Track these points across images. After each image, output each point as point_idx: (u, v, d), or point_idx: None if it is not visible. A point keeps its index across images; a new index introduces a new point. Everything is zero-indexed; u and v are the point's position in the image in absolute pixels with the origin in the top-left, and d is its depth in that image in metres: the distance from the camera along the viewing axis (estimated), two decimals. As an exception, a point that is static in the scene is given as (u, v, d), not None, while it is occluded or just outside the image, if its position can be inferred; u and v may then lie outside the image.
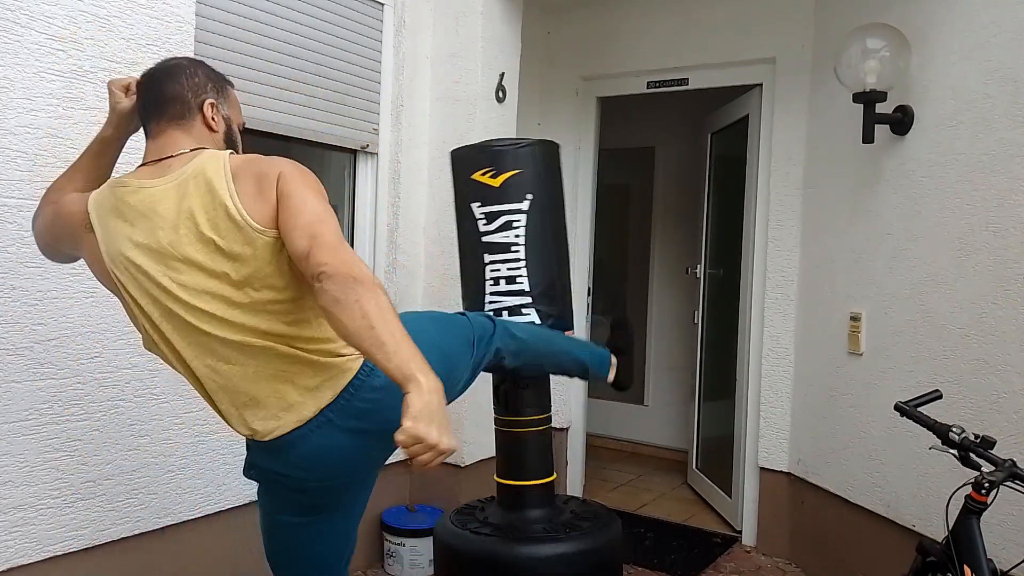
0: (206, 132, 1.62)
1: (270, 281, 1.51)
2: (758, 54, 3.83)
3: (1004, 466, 1.87)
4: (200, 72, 1.65)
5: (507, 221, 2.48)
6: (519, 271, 2.47)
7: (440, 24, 3.53)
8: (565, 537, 2.42)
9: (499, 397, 2.57)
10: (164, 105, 1.60)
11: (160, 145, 1.60)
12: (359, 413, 1.60)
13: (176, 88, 1.60)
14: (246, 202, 1.48)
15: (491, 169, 2.48)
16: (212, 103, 1.63)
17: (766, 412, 3.79)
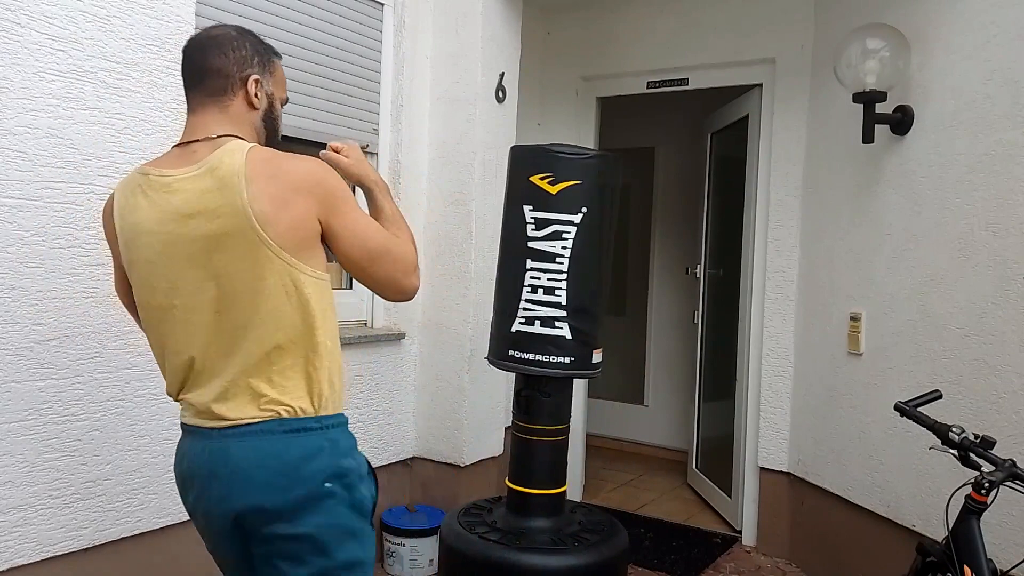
0: (245, 109, 1.54)
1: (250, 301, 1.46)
2: (758, 54, 3.83)
3: (1004, 466, 1.87)
4: (248, 44, 1.55)
5: (557, 231, 2.44)
6: (559, 283, 2.44)
7: (440, 24, 3.53)
8: (572, 549, 2.42)
9: (520, 403, 2.56)
10: (206, 78, 1.52)
11: (195, 123, 1.53)
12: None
13: (220, 60, 1.51)
14: (259, 206, 1.41)
15: (551, 175, 2.43)
16: (257, 79, 1.54)
17: (766, 412, 3.79)
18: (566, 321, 2.45)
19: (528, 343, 2.46)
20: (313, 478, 1.48)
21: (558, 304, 2.45)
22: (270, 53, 1.60)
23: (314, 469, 1.48)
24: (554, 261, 2.44)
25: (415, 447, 3.59)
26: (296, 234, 1.44)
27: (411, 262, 1.58)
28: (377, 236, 1.54)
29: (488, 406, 3.57)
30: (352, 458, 1.55)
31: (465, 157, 3.46)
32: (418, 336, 3.58)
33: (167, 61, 2.48)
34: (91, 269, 2.31)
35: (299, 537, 1.48)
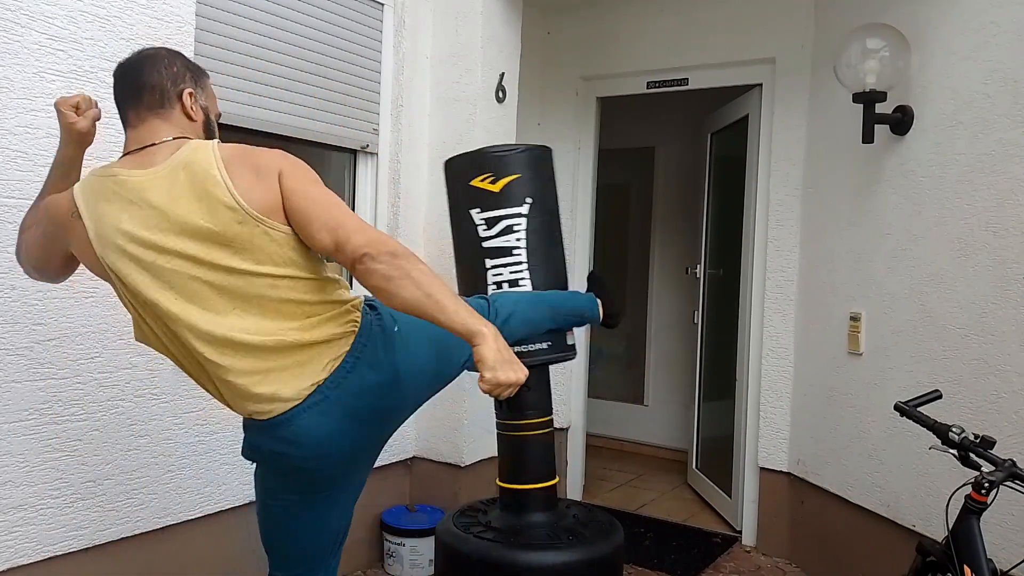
0: (186, 121, 1.64)
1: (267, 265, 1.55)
2: (758, 54, 3.83)
3: (1004, 466, 1.87)
4: (178, 62, 1.66)
5: (508, 225, 2.49)
6: (522, 274, 2.49)
7: (440, 24, 3.53)
8: (567, 544, 2.42)
9: (500, 401, 2.56)
10: (142, 94, 1.60)
11: (141, 134, 1.61)
12: (356, 391, 1.62)
13: (155, 77, 1.61)
14: (243, 191, 1.51)
15: (490, 175, 2.50)
16: (191, 92, 1.64)
17: (766, 412, 3.79)
18: None
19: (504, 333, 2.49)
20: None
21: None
22: (200, 71, 1.71)
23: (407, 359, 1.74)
24: (511, 254, 2.50)
25: (415, 447, 3.59)
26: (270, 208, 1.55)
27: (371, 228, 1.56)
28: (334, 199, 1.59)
29: (488, 406, 3.56)
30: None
31: (465, 157, 3.45)
32: (418, 336, 3.57)
33: (167, 61, 2.48)
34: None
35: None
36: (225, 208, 1.51)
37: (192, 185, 1.52)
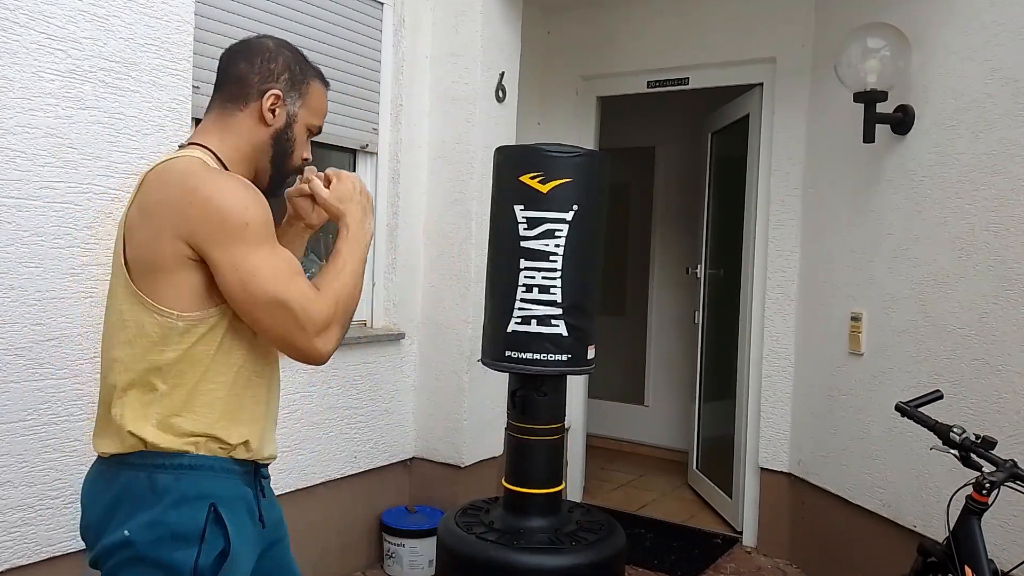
0: (253, 123, 1.45)
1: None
2: (758, 54, 3.82)
3: (1005, 466, 1.87)
4: (281, 59, 1.46)
5: (549, 229, 2.44)
6: (554, 281, 2.43)
7: (440, 23, 3.53)
8: (569, 548, 2.42)
9: (515, 403, 2.56)
10: (227, 82, 1.46)
11: (199, 126, 1.49)
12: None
13: (244, 68, 1.44)
14: (127, 228, 1.36)
15: (541, 174, 2.44)
16: (276, 94, 1.44)
17: (766, 412, 3.79)
18: (562, 319, 2.45)
19: (526, 342, 2.46)
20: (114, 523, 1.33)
21: (554, 302, 2.45)
22: (308, 75, 1.50)
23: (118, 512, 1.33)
24: (548, 259, 2.45)
25: (415, 447, 3.59)
26: (141, 258, 1.33)
27: (314, 322, 1.34)
28: (269, 280, 1.31)
29: (488, 406, 3.57)
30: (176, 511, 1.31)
31: (465, 157, 3.45)
32: (418, 336, 3.57)
33: (166, 61, 2.47)
34: (90, 269, 2.30)
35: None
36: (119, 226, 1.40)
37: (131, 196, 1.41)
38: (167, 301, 1.32)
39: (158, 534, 1.30)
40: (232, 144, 1.45)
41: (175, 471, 1.33)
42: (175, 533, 1.30)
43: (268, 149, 1.47)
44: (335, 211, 1.51)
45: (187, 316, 1.33)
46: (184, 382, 1.34)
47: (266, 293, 1.31)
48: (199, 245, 1.29)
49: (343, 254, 1.45)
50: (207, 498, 1.33)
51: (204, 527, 1.31)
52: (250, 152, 1.46)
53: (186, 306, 1.32)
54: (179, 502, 1.31)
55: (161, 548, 1.30)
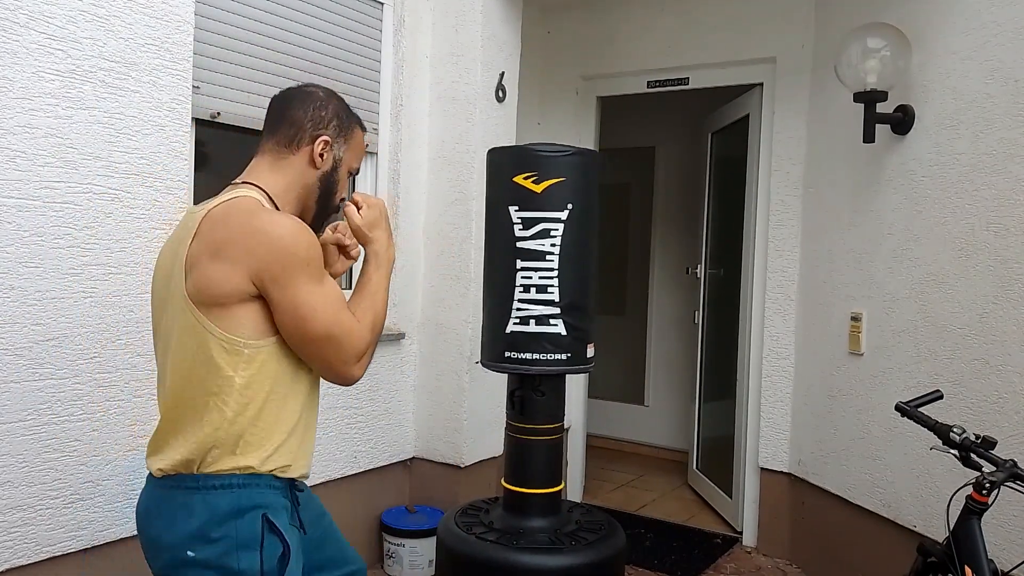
0: (304, 165, 1.58)
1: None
2: (758, 54, 3.82)
3: (1005, 466, 1.87)
4: (331, 107, 1.63)
5: (545, 229, 2.43)
6: (551, 281, 2.43)
7: (440, 23, 3.53)
8: (569, 548, 2.42)
9: (514, 403, 2.56)
10: (280, 126, 1.58)
11: (250, 166, 1.60)
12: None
13: (299, 114, 1.58)
14: (190, 263, 1.43)
15: (534, 174, 2.43)
16: (326, 140, 1.60)
17: (766, 412, 3.79)
18: (560, 318, 2.44)
19: (524, 342, 2.45)
20: (176, 543, 1.44)
21: (552, 302, 2.44)
22: (352, 121, 1.68)
23: (178, 533, 1.44)
24: (544, 259, 2.44)
25: (415, 447, 3.59)
26: (208, 291, 1.42)
27: (356, 351, 1.50)
28: (322, 317, 1.45)
29: (488, 406, 3.57)
30: (234, 523, 1.44)
31: (465, 157, 3.45)
32: (418, 336, 3.57)
33: (166, 61, 2.47)
34: (90, 269, 2.30)
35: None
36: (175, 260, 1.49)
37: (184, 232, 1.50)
38: (233, 329, 1.42)
39: (223, 548, 1.42)
40: (284, 184, 1.57)
41: (228, 489, 1.45)
42: (238, 543, 1.43)
43: (316, 189, 1.61)
44: (365, 238, 1.63)
45: (252, 344, 1.44)
46: (246, 407, 1.45)
47: (320, 329, 1.45)
48: (263, 282, 1.41)
49: (374, 281, 1.60)
50: (259, 508, 1.46)
51: (262, 534, 1.44)
52: (300, 192, 1.59)
53: (250, 334, 1.44)
54: (235, 515, 1.44)
55: (228, 558, 1.42)
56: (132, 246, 2.40)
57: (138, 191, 2.42)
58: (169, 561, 1.45)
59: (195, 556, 1.42)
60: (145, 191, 2.43)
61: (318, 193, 1.61)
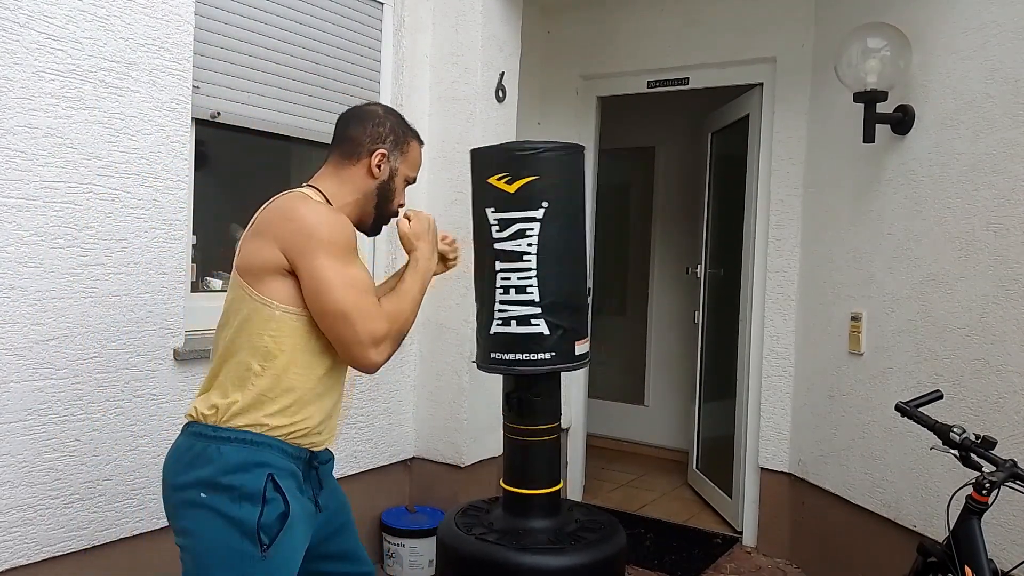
0: (362, 175, 1.77)
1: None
2: (759, 53, 3.82)
3: (1005, 466, 1.87)
4: (388, 123, 1.81)
5: (520, 229, 2.40)
6: (530, 281, 2.39)
7: (440, 23, 3.53)
8: (570, 548, 2.41)
9: (511, 404, 2.55)
10: (342, 141, 1.79)
11: (316, 176, 1.79)
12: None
13: (358, 131, 1.78)
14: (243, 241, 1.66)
15: (507, 174, 2.39)
16: (383, 153, 1.78)
17: (766, 412, 3.79)
18: (542, 318, 2.40)
19: (508, 344, 2.44)
20: (189, 485, 1.60)
21: (531, 302, 2.40)
22: (408, 135, 1.86)
23: (192, 476, 1.60)
24: (521, 260, 2.40)
25: (415, 447, 3.59)
26: (250, 261, 1.63)
27: (371, 334, 1.62)
28: (339, 293, 1.59)
29: (488, 406, 3.57)
30: (241, 475, 1.58)
31: (465, 157, 3.42)
32: (418, 336, 3.57)
33: (166, 61, 2.47)
34: (90, 269, 2.31)
35: (179, 540, 1.65)
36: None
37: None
38: (269, 293, 1.61)
39: (229, 496, 1.56)
40: (342, 190, 1.76)
41: (240, 443, 1.59)
42: (242, 493, 1.56)
43: (374, 196, 1.79)
44: (409, 245, 1.85)
45: (282, 308, 1.61)
46: (268, 367, 1.61)
47: (335, 304, 1.59)
48: (290, 255, 1.59)
49: (407, 282, 1.79)
50: (265, 467, 1.59)
51: (264, 490, 1.58)
52: (359, 198, 1.78)
53: (282, 300, 1.61)
54: (243, 468, 1.58)
55: (232, 507, 1.56)
56: (132, 246, 2.40)
57: (138, 191, 2.42)
58: (181, 500, 1.60)
59: (205, 499, 1.57)
60: (145, 191, 2.43)
61: (376, 200, 1.79)
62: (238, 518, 1.56)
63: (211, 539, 1.57)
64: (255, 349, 1.61)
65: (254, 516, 1.56)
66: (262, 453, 1.60)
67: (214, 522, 1.56)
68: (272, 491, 1.59)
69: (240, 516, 1.56)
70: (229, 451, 1.59)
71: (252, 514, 1.56)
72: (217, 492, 1.57)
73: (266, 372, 1.61)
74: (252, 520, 1.56)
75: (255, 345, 1.61)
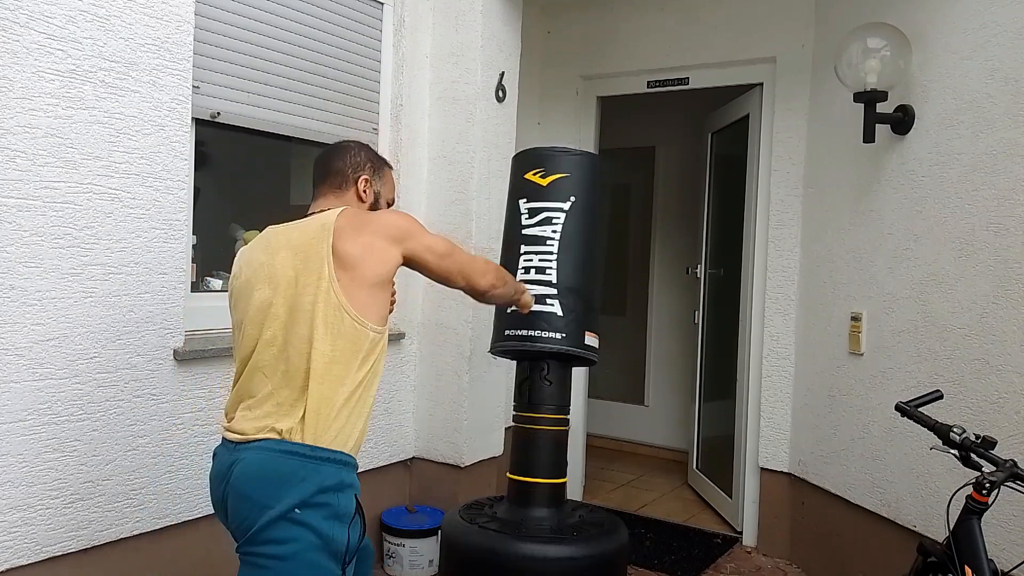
0: (355, 200, 1.92)
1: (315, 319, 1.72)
2: (759, 53, 3.82)
3: (1005, 466, 1.87)
4: (363, 154, 1.98)
5: (547, 217, 2.63)
6: (550, 263, 2.60)
7: (440, 23, 3.53)
8: (572, 539, 2.43)
9: (522, 391, 2.66)
10: (328, 175, 1.93)
11: (317, 205, 1.91)
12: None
13: (340, 163, 1.94)
14: (338, 241, 1.71)
15: (542, 170, 2.66)
16: (367, 179, 1.95)
17: (766, 412, 3.79)
18: (556, 299, 2.58)
19: (522, 320, 2.57)
20: (284, 502, 1.62)
21: (549, 282, 2.59)
22: (382, 163, 2.03)
23: (288, 493, 1.63)
24: (544, 243, 2.62)
25: (415, 447, 3.59)
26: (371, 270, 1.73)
27: (476, 265, 1.98)
28: (444, 241, 1.89)
29: (488, 406, 3.57)
30: (336, 495, 1.66)
31: (465, 156, 3.45)
32: (418, 336, 3.58)
33: (166, 61, 2.47)
34: (90, 269, 2.31)
35: (265, 554, 1.64)
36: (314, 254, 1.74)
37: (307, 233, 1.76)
38: (362, 312, 1.71)
39: (324, 513, 1.63)
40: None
41: (335, 464, 1.68)
42: (337, 513, 1.66)
43: None
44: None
45: (375, 328, 1.73)
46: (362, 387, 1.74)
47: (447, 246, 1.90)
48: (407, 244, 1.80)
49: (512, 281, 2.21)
50: (353, 488, 1.72)
51: (355, 511, 1.71)
52: None
53: (375, 320, 1.74)
54: (339, 488, 1.67)
55: (326, 525, 1.63)
56: (132, 246, 2.40)
57: (138, 191, 2.42)
58: (272, 518, 1.62)
59: (300, 516, 1.62)
60: (145, 191, 2.44)
61: None
62: (331, 536, 1.64)
63: (303, 556, 1.62)
64: (348, 369, 1.70)
65: (344, 536, 1.66)
66: (351, 474, 1.72)
67: (308, 538, 1.62)
68: (357, 512, 1.72)
69: (333, 536, 1.64)
70: (327, 470, 1.66)
71: (342, 535, 1.66)
72: (312, 509, 1.63)
73: (355, 395, 1.71)
74: (342, 540, 1.65)
75: (349, 365, 1.70)
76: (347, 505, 1.68)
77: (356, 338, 1.70)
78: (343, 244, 1.70)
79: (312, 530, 1.62)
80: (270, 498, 1.63)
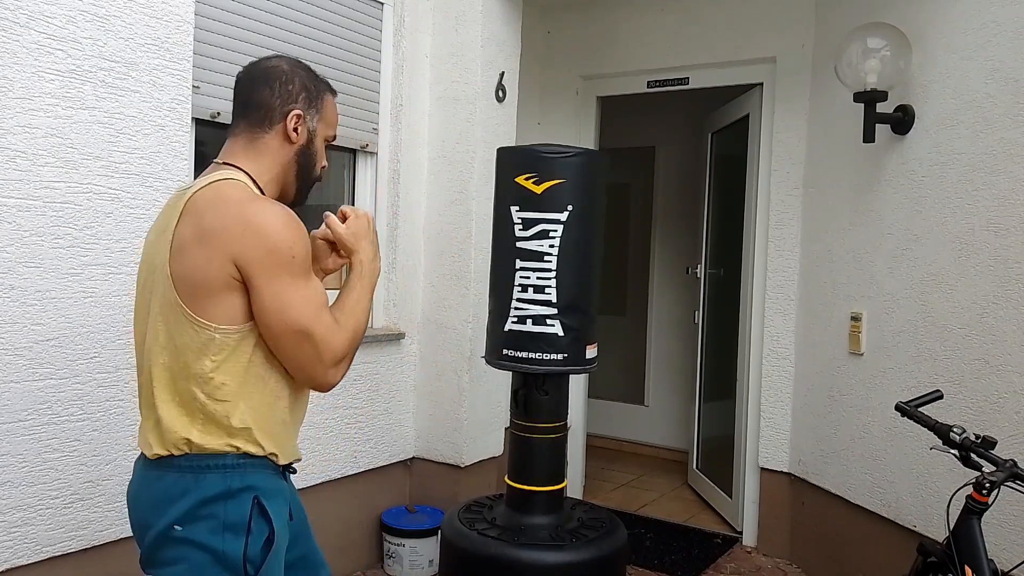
0: (279, 143, 1.55)
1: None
2: (759, 53, 3.82)
3: (1005, 466, 1.87)
4: (297, 79, 1.57)
5: (543, 230, 2.45)
6: (549, 282, 2.45)
7: (440, 23, 3.53)
8: (571, 545, 2.43)
9: (517, 402, 2.58)
10: (249, 109, 1.55)
11: (226, 147, 1.57)
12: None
13: (265, 94, 1.54)
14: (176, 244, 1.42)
15: (535, 175, 2.45)
16: (298, 114, 1.55)
17: (766, 412, 3.79)
18: (557, 319, 2.46)
19: (521, 341, 2.48)
20: (163, 520, 1.43)
21: (548, 302, 2.46)
22: (321, 89, 1.61)
23: (167, 510, 1.43)
24: (542, 260, 2.46)
25: (415, 447, 3.59)
26: (191, 279, 1.40)
27: (332, 354, 1.47)
28: (302, 313, 1.42)
29: (488, 406, 3.57)
30: (222, 504, 1.42)
31: (465, 157, 3.45)
32: (418, 336, 3.57)
33: (166, 60, 2.47)
34: (90, 269, 2.31)
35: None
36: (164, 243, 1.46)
37: (172, 212, 1.46)
38: (207, 315, 1.41)
39: (210, 526, 1.41)
40: (264, 165, 1.54)
41: (221, 470, 1.43)
42: (225, 524, 1.41)
43: (294, 164, 1.58)
44: (349, 247, 1.61)
45: (223, 329, 1.41)
46: (223, 391, 1.43)
47: (297, 323, 1.42)
48: (246, 270, 1.39)
49: (356, 290, 1.57)
50: (251, 490, 1.44)
51: (249, 518, 1.43)
52: (279, 171, 1.56)
53: (223, 321, 1.41)
54: (226, 496, 1.42)
55: (214, 538, 1.40)
56: (132, 246, 2.40)
57: (138, 191, 2.42)
58: (155, 538, 1.44)
59: (181, 532, 1.41)
60: (145, 191, 2.44)
61: (296, 168, 1.58)
62: (221, 551, 1.41)
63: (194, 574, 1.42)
64: (196, 375, 1.42)
65: (239, 549, 1.41)
66: (248, 474, 1.45)
67: (195, 558, 1.41)
68: (258, 517, 1.44)
69: (224, 550, 1.41)
70: (210, 479, 1.43)
71: (237, 547, 1.41)
72: (196, 523, 1.41)
73: (215, 398, 1.43)
74: (237, 554, 1.41)
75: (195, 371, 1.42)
76: (237, 512, 1.42)
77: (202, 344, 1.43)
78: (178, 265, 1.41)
79: (198, 546, 1.41)
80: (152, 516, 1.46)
